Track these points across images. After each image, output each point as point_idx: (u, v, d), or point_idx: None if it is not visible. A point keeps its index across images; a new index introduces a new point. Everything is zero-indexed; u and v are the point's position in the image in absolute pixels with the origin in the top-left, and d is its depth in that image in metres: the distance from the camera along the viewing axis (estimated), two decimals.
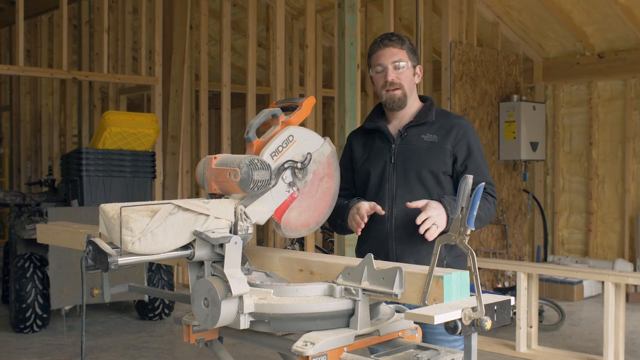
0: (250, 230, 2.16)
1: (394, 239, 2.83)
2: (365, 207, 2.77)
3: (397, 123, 2.96)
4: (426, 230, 2.60)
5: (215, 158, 2.22)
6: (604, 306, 5.30)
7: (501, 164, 8.15)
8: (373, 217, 2.84)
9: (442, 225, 2.61)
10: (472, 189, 1.92)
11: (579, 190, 8.75)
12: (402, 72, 2.88)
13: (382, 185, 2.89)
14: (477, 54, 7.85)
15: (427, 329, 2.48)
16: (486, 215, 2.81)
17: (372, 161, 2.94)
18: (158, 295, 3.44)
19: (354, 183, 3.04)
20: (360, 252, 2.96)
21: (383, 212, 2.78)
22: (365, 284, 2.02)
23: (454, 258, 2.83)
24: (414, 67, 2.93)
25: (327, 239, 9.29)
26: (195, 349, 5.79)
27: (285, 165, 2.31)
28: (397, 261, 2.71)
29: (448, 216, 2.63)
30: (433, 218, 2.59)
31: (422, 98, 3.02)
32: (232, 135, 8.84)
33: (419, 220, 2.59)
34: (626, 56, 8.09)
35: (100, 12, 8.56)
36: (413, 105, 2.96)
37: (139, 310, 7.00)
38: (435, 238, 2.37)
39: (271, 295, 2.05)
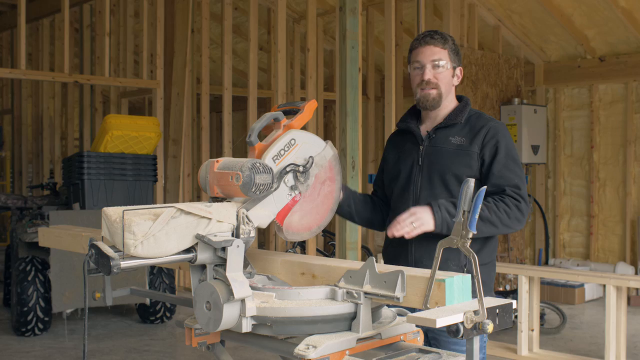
0: (253, 234, 2.16)
1: (414, 243, 2.78)
2: None
3: (429, 124, 2.90)
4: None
5: (217, 162, 2.22)
6: (605, 309, 5.30)
7: None
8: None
9: (424, 223, 2.57)
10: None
11: (580, 194, 8.75)
12: (441, 72, 2.80)
13: (407, 186, 2.86)
14: (478, 57, 7.86)
15: (428, 332, 2.48)
16: (499, 219, 2.65)
17: (402, 162, 2.92)
18: (160, 298, 3.45)
19: (382, 184, 3.03)
20: (385, 255, 2.95)
21: None
22: (367, 288, 2.02)
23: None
24: (454, 68, 2.85)
25: (328, 242, 9.28)
26: (197, 352, 5.79)
27: (287, 169, 2.31)
28: (415, 265, 2.69)
29: (435, 215, 2.58)
30: (412, 218, 2.55)
31: (458, 98, 2.93)
32: (234, 139, 8.85)
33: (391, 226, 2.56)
34: (627, 59, 8.10)
35: (102, 16, 8.57)
36: (448, 106, 2.87)
37: (141, 314, 7.00)
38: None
39: (273, 298, 2.06)
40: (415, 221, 2.51)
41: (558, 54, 8.74)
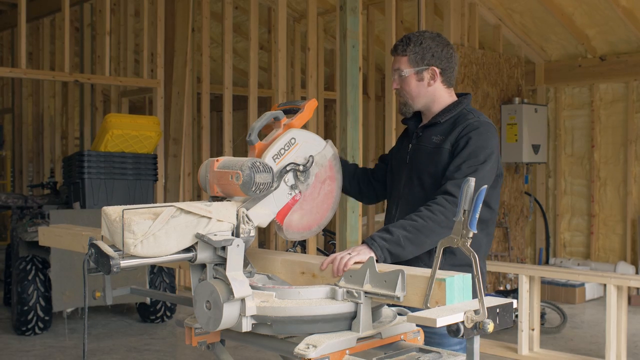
0: (253, 233, 2.16)
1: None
2: None
3: (425, 122, 2.90)
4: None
5: (217, 161, 2.22)
6: (605, 309, 5.30)
7: (503, 167, 8.14)
8: (387, 215, 2.88)
9: (361, 252, 2.33)
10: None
11: (581, 193, 8.75)
12: (404, 79, 2.80)
13: (395, 183, 2.89)
14: (478, 56, 7.85)
15: (429, 332, 2.47)
16: (411, 234, 2.45)
17: (397, 159, 2.94)
18: (160, 297, 3.46)
19: (384, 164, 3.04)
20: None
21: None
22: (367, 287, 2.02)
23: (452, 267, 2.63)
24: (420, 71, 2.77)
25: (329, 242, 9.28)
26: (197, 352, 5.79)
27: (287, 168, 2.31)
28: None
29: (371, 247, 2.39)
30: (349, 251, 2.35)
31: (459, 96, 2.88)
32: (234, 138, 8.84)
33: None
34: (628, 59, 8.09)
35: (102, 15, 8.57)
36: (440, 105, 2.83)
37: (141, 313, 7.00)
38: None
39: (273, 297, 2.05)
40: (352, 252, 2.34)
41: (559, 53, 8.73)
